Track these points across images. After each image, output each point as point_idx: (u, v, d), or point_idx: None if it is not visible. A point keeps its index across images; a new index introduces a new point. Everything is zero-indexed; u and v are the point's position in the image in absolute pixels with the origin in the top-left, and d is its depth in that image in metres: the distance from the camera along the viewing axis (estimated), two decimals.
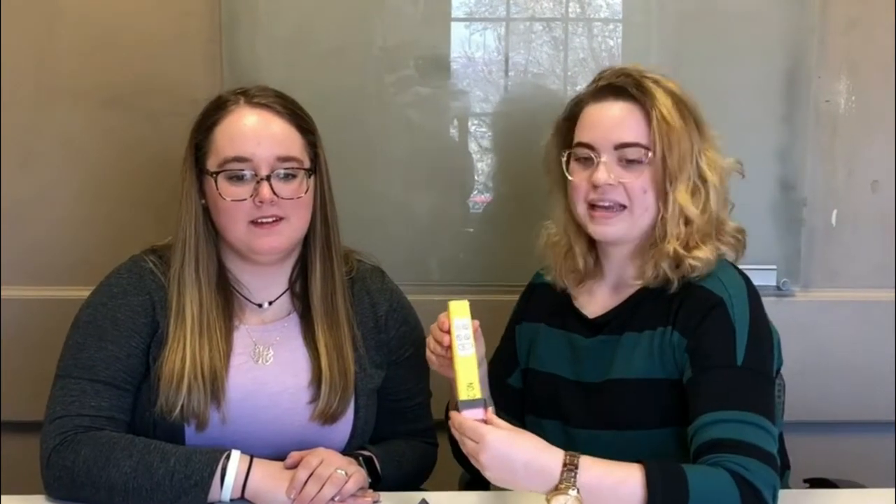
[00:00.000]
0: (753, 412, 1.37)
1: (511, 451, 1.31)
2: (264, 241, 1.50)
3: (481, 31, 2.02)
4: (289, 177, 1.50)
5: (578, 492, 1.28)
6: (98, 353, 1.49)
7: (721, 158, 1.53)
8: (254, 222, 1.49)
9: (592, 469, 1.30)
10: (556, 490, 1.29)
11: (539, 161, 1.65)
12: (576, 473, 1.28)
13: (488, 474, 1.31)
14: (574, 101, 1.57)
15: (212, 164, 1.51)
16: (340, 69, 1.97)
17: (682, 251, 1.47)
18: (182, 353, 1.49)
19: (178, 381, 1.47)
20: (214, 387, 1.49)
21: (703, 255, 1.47)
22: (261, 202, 1.48)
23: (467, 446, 1.32)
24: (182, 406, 1.47)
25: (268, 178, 1.48)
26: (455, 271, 2.04)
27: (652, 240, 1.51)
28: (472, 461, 1.33)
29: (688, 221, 1.49)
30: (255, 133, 1.50)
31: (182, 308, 1.51)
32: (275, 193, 1.48)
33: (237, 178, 1.49)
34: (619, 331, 1.53)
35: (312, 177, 1.53)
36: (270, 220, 1.50)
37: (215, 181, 1.49)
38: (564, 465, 1.29)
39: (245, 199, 1.49)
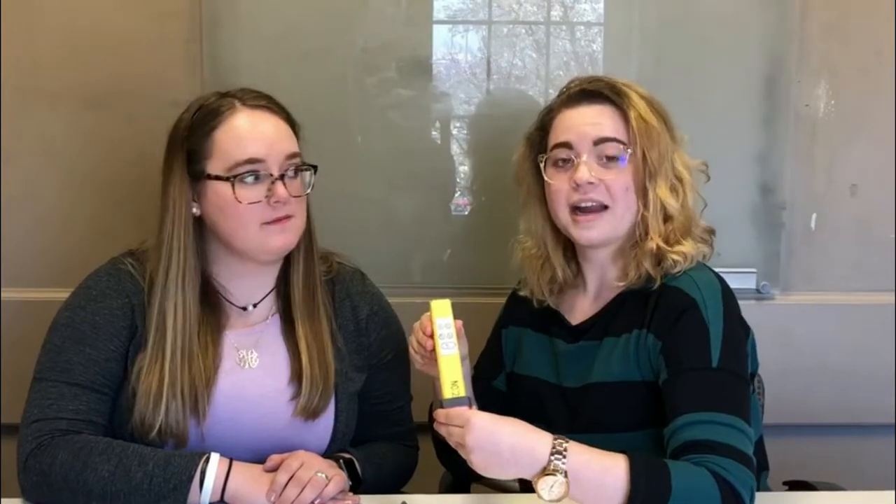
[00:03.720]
0: (729, 413, 1.37)
1: (497, 430, 1.31)
2: (278, 238, 1.50)
3: (463, 34, 2.02)
4: (294, 174, 1.51)
5: (566, 475, 1.28)
6: (76, 356, 1.48)
7: (689, 160, 1.55)
8: (266, 222, 1.49)
9: (580, 454, 1.31)
10: (544, 472, 1.29)
11: None
12: (564, 458, 1.29)
13: (474, 458, 1.30)
14: (545, 112, 1.59)
15: (218, 169, 1.49)
16: (322, 70, 1.97)
17: (664, 246, 1.49)
18: (160, 372, 1.47)
19: (157, 400, 1.46)
20: (195, 403, 1.48)
21: (685, 249, 1.49)
22: (276, 202, 1.48)
23: (453, 434, 1.32)
24: (160, 426, 1.46)
25: (281, 177, 1.48)
26: (437, 274, 2.04)
27: (633, 240, 1.52)
28: (459, 450, 1.32)
29: (667, 217, 1.50)
30: (263, 134, 1.50)
31: (163, 323, 1.49)
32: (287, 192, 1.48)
33: (251, 180, 1.48)
34: (599, 336, 1.54)
35: (309, 172, 1.54)
36: (283, 218, 1.49)
37: (232, 185, 1.47)
38: (553, 448, 1.29)
39: (260, 201, 1.48)
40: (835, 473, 1.75)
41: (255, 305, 1.58)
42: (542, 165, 1.54)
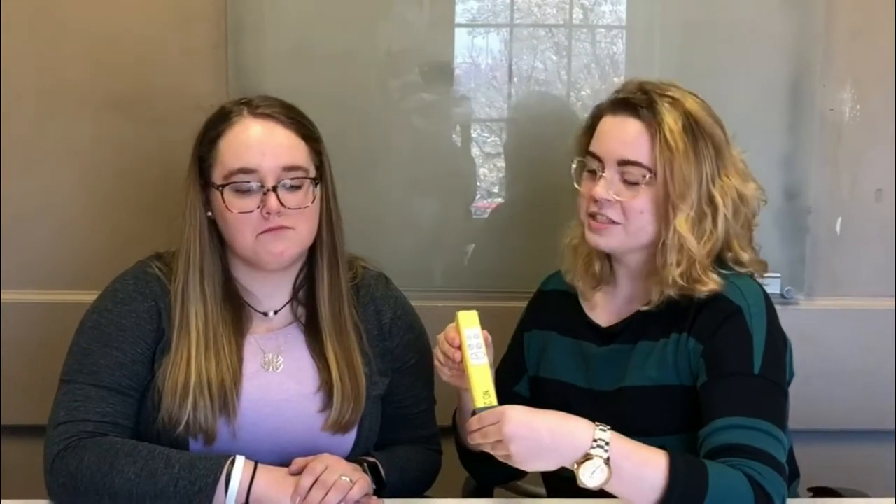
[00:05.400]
0: (767, 420, 1.38)
1: (535, 419, 1.32)
2: (272, 246, 1.50)
3: (485, 37, 2.03)
4: (294, 187, 1.50)
5: (608, 462, 1.28)
6: (103, 358, 1.49)
7: (742, 183, 1.51)
8: (261, 232, 1.49)
9: (622, 445, 1.31)
10: (586, 457, 1.29)
11: (544, 167, 1.65)
12: (607, 447, 1.29)
13: (513, 448, 1.30)
14: (594, 112, 1.57)
15: (217, 177, 1.50)
16: (345, 75, 1.97)
17: (684, 284, 1.47)
18: (186, 369, 1.48)
19: (183, 397, 1.47)
20: (224, 401, 1.48)
21: (708, 287, 1.47)
22: (268, 213, 1.47)
23: (490, 434, 1.31)
24: (188, 421, 1.47)
25: (274, 188, 1.48)
26: (459, 277, 2.04)
27: (652, 265, 1.52)
28: (496, 449, 1.31)
29: (687, 251, 1.48)
30: (259, 144, 1.50)
31: (186, 322, 1.50)
32: (281, 204, 1.48)
33: (244, 190, 1.49)
34: (633, 340, 1.53)
35: (318, 185, 1.54)
36: (276, 228, 1.49)
37: (222, 194, 1.49)
38: (595, 436, 1.29)
39: (252, 211, 1.48)
40: (860, 479, 1.73)
41: (276, 312, 1.58)
42: (573, 168, 1.54)
